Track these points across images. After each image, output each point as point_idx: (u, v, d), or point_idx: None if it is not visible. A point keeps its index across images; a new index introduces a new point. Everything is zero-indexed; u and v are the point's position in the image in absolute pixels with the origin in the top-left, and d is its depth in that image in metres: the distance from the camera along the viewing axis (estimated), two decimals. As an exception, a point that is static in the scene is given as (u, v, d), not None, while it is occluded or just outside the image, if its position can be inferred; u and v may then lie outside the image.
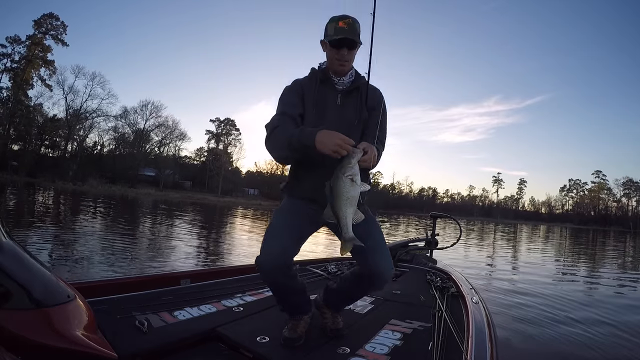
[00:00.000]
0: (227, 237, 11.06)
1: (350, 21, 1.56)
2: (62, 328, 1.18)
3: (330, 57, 1.64)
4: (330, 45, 1.59)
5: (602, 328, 3.99)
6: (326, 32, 1.61)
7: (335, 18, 1.58)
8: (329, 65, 1.67)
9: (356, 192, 1.36)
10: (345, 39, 1.55)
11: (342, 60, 1.61)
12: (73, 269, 5.02)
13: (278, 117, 1.58)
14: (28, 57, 42.59)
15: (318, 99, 1.65)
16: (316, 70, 1.71)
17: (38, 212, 12.22)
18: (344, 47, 1.58)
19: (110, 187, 39.07)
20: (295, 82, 1.71)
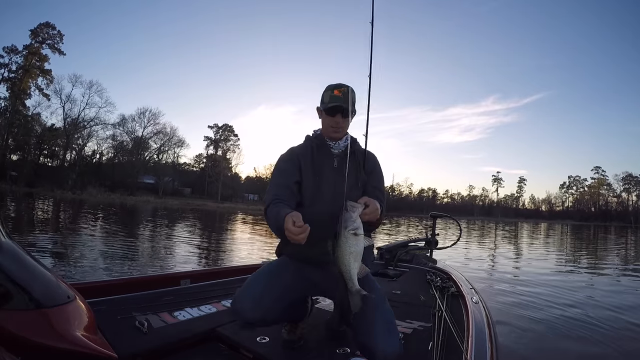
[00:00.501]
0: (226, 240, 11.06)
1: (345, 90, 1.60)
2: (62, 328, 1.18)
3: (325, 123, 1.68)
4: (325, 113, 1.64)
5: (603, 327, 3.99)
6: (322, 100, 1.66)
7: (332, 86, 1.63)
8: (323, 131, 1.71)
9: (360, 247, 1.36)
10: (339, 107, 1.59)
11: (336, 127, 1.65)
12: (73, 270, 5.02)
13: (270, 196, 1.59)
14: (25, 66, 42.61)
15: (315, 164, 1.66)
16: (311, 137, 1.74)
17: (38, 220, 12.22)
18: (338, 114, 1.62)
19: (109, 195, 39.03)
20: (291, 151, 1.73)
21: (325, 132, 1.70)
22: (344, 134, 1.71)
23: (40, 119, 45.78)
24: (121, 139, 49.97)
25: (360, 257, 1.36)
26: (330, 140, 1.70)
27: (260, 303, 1.48)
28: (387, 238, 14.01)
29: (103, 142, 49.89)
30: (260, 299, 1.49)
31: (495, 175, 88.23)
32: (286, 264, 1.67)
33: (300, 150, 1.70)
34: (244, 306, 1.48)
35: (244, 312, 1.48)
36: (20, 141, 43.95)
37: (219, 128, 61.19)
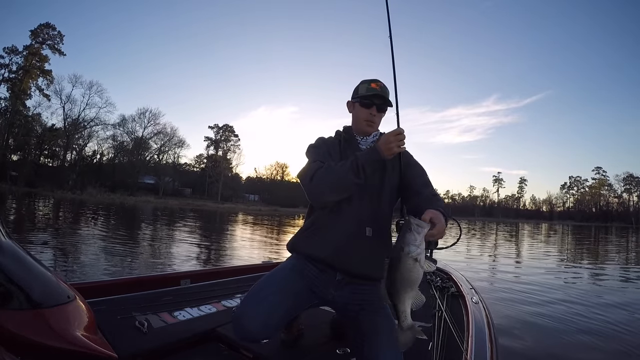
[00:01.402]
0: (224, 240, 11.06)
1: (382, 84, 1.57)
2: (62, 328, 1.18)
3: (357, 116, 1.61)
4: (360, 104, 1.58)
5: (603, 327, 3.99)
6: (356, 93, 1.60)
7: (368, 80, 1.58)
8: (354, 125, 1.64)
9: (419, 275, 1.16)
10: (376, 96, 1.54)
11: (370, 120, 1.58)
12: (73, 270, 5.03)
13: (316, 163, 1.48)
14: (25, 67, 42.70)
15: (342, 158, 1.55)
16: (340, 132, 1.68)
17: (38, 220, 12.23)
18: (374, 106, 1.56)
19: (109, 195, 39.06)
20: (320, 140, 1.66)
21: (356, 127, 1.63)
22: (376, 129, 1.63)
23: (41, 119, 45.90)
24: (121, 139, 50.09)
25: (417, 287, 1.18)
26: (360, 135, 1.63)
27: (269, 323, 1.38)
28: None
29: (104, 142, 50.00)
30: (269, 319, 1.38)
31: (496, 176, 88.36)
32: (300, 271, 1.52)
33: (329, 141, 1.64)
34: (251, 326, 1.36)
35: (250, 332, 1.37)
36: (21, 141, 44.02)
37: (220, 128, 61.23)
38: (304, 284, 1.50)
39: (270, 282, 1.48)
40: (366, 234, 1.49)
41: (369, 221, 1.50)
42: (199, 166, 60.65)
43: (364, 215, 1.49)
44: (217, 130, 61.16)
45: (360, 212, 1.49)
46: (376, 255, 1.43)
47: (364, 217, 1.49)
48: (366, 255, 1.46)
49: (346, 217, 1.49)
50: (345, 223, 1.48)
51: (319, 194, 1.45)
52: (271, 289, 1.45)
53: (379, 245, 1.49)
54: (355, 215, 1.49)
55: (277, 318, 1.40)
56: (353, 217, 1.48)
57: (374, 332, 1.37)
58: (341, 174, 1.40)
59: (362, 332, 1.39)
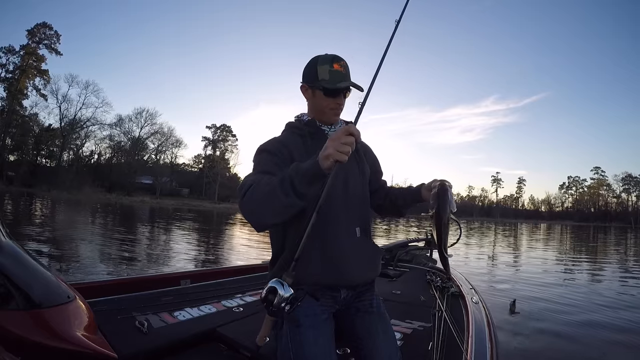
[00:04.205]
0: (211, 239, 11.07)
1: (344, 63, 1.32)
2: (62, 328, 1.18)
3: (320, 105, 1.34)
4: (324, 94, 1.32)
5: (603, 326, 4.00)
6: (316, 77, 1.31)
7: (327, 59, 1.31)
8: (317, 114, 1.38)
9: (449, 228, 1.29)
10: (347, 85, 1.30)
11: (337, 109, 1.35)
12: (73, 270, 5.03)
13: (257, 175, 1.19)
14: (22, 66, 42.73)
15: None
16: (300, 124, 1.40)
17: (33, 220, 12.21)
18: (340, 94, 1.33)
19: (105, 195, 39.05)
20: (275, 142, 1.34)
21: (319, 116, 1.38)
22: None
23: (38, 119, 45.93)
24: (119, 139, 50.07)
25: None
26: (325, 124, 1.39)
27: None
28: (387, 238, 14.02)
29: (101, 142, 50.00)
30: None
31: (495, 176, 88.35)
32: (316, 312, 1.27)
33: (289, 141, 1.34)
34: None
35: None
36: (18, 141, 43.98)
37: (217, 128, 61.23)
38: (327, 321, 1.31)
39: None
40: (357, 235, 1.35)
41: (356, 220, 1.36)
42: (197, 166, 60.64)
43: (352, 214, 1.34)
44: (214, 130, 61.20)
45: (348, 212, 1.33)
46: (369, 255, 1.38)
47: (352, 216, 1.34)
48: (362, 260, 1.35)
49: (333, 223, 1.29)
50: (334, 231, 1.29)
51: (248, 214, 1.14)
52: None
53: (368, 244, 1.39)
54: (344, 218, 1.32)
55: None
56: (342, 221, 1.31)
57: (370, 333, 1.34)
58: (269, 192, 1.07)
59: (358, 333, 1.36)
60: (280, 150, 1.29)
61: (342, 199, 1.32)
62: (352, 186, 1.36)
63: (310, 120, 1.39)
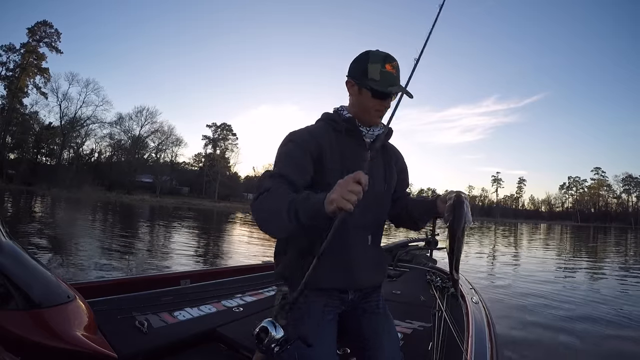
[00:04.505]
0: (205, 238, 11.07)
1: (397, 64, 1.24)
2: (62, 328, 1.18)
3: (366, 105, 1.26)
4: (372, 95, 1.24)
5: (603, 326, 4.00)
6: (365, 75, 1.23)
7: (379, 57, 1.23)
8: (357, 113, 1.30)
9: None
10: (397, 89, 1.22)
11: (381, 112, 1.27)
12: (73, 270, 5.03)
13: (272, 179, 1.15)
14: (23, 65, 42.70)
15: (346, 157, 1.26)
16: (337, 118, 1.31)
17: (33, 218, 12.21)
18: (389, 97, 1.25)
19: (105, 193, 39.06)
20: (305, 133, 1.26)
21: (361, 115, 1.29)
22: None
23: (38, 117, 45.91)
24: (119, 137, 50.05)
25: None
26: (365, 125, 1.31)
27: None
28: (387, 239, 14.03)
29: (101, 140, 49.98)
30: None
31: (495, 176, 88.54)
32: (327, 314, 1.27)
33: (322, 134, 1.27)
34: None
35: None
36: (19, 140, 44.00)
37: (218, 127, 61.20)
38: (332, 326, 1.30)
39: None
40: (368, 243, 1.32)
41: (371, 227, 1.33)
42: (197, 165, 60.64)
43: (368, 220, 1.30)
44: (215, 129, 61.17)
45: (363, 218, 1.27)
46: (378, 261, 1.37)
47: (368, 222, 1.31)
48: (371, 266, 1.33)
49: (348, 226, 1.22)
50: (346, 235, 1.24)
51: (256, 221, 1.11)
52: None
53: (378, 251, 1.38)
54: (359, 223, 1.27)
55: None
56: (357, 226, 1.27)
57: (375, 333, 1.34)
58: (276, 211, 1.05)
59: (364, 333, 1.35)
60: (308, 144, 1.22)
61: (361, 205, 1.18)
62: (373, 192, 1.26)
63: (350, 118, 1.31)
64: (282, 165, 1.19)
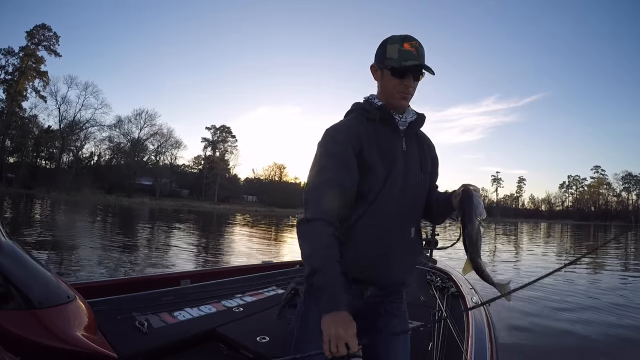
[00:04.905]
0: (200, 240, 11.05)
1: (417, 44, 1.21)
2: (62, 328, 1.18)
3: (388, 87, 1.24)
4: (392, 74, 1.21)
5: (603, 326, 3.99)
6: (384, 56, 1.22)
7: (398, 38, 1.22)
8: (385, 98, 1.27)
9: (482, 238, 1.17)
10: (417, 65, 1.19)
11: (405, 92, 1.23)
12: (72, 270, 5.03)
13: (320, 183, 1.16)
14: (21, 68, 42.75)
15: (383, 147, 1.23)
16: (369, 107, 1.27)
17: (33, 222, 12.21)
18: (409, 75, 1.22)
19: (104, 196, 39.06)
20: (346, 128, 1.23)
21: (388, 99, 1.26)
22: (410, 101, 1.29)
23: (37, 120, 45.93)
24: (118, 140, 50.06)
25: None
26: (397, 113, 1.28)
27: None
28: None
29: (100, 143, 49.98)
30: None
31: (495, 175, 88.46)
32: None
33: (358, 127, 1.23)
34: None
35: None
36: (18, 143, 44.02)
37: (217, 129, 61.19)
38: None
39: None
40: (411, 236, 1.27)
41: (413, 219, 1.27)
42: (197, 167, 60.63)
43: (409, 212, 1.25)
44: (214, 131, 61.16)
45: (404, 209, 1.23)
46: (413, 258, 1.32)
47: (409, 214, 1.25)
48: (406, 262, 1.28)
49: (389, 217, 1.20)
50: (388, 226, 1.20)
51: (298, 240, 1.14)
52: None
53: (419, 247, 1.33)
54: (401, 214, 1.22)
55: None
56: (398, 217, 1.22)
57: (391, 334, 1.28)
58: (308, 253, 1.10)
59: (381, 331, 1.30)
60: (350, 142, 1.19)
61: (399, 196, 1.22)
62: (412, 182, 1.25)
63: (382, 105, 1.26)
64: (329, 167, 1.16)
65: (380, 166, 1.20)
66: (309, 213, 1.12)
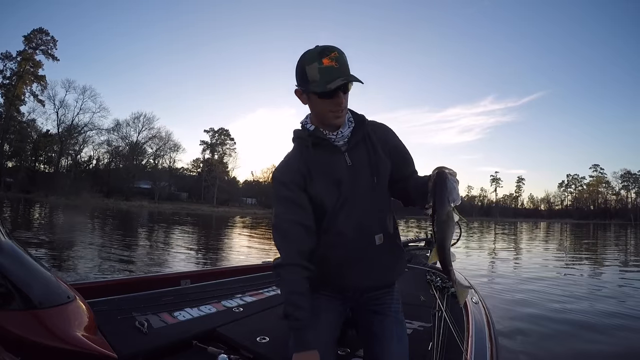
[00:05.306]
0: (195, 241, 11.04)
1: (337, 54, 1.13)
2: (62, 329, 1.18)
3: (318, 109, 1.20)
4: (318, 97, 1.16)
5: (603, 326, 3.99)
6: (306, 79, 1.15)
7: (315, 56, 1.13)
8: (318, 120, 1.24)
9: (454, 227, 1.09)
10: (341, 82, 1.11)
11: (338, 111, 1.18)
12: (72, 270, 5.02)
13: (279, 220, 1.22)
14: (19, 72, 42.76)
15: (328, 171, 1.23)
16: (303, 134, 1.27)
17: (31, 226, 12.20)
18: (339, 93, 1.15)
19: (103, 200, 39.04)
20: (287, 167, 1.26)
21: (321, 121, 1.24)
22: (345, 114, 1.24)
23: (36, 125, 45.94)
24: (116, 144, 50.07)
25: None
26: (330, 130, 1.25)
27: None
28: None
29: (99, 147, 50.00)
30: None
31: (494, 175, 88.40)
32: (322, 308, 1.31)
33: (297, 160, 1.25)
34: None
35: None
36: (16, 147, 44.00)
37: (215, 132, 61.23)
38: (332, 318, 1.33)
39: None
40: (376, 244, 1.27)
41: (376, 227, 1.27)
42: (196, 170, 60.61)
43: (368, 222, 1.26)
44: (212, 134, 61.20)
45: (362, 221, 1.25)
46: (390, 261, 1.34)
47: (370, 224, 1.26)
48: (380, 266, 1.29)
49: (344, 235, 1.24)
50: (345, 242, 1.25)
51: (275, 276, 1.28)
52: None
53: (392, 250, 1.33)
54: (358, 228, 1.25)
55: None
56: (356, 231, 1.24)
57: (383, 336, 1.31)
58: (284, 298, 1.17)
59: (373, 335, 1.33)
60: (294, 180, 1.22)
61: (353, 211, 1.24)
62: (364, 192, 1.25)
63: (314, 130, 1.25)
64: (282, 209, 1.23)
65: (326, 192, 1.23)
66: (280, 259, 1.21)
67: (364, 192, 1.24)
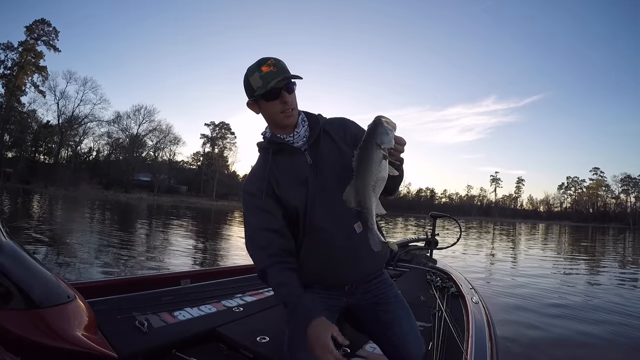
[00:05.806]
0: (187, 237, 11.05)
1: (274, 61, 1.23)
2: (62, 328, 1.17)
3: (270, 113, 1.28)
4: (265, 100, 1.25)
5: (603, 326, 4.00)
6: (252, 89, 1.25)
7: (254, 67, 1.23)
8: (273, 125, 1.32)
9: (386, 174, 1.06)
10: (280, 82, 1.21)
11: (287, 110, 1.26)
12: (72, 270, 5.02)
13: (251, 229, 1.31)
14: (20, 63, 42.64)
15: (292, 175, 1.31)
16: (264, 144, 1.36)
17: (30, 217, 12.19)
18: (282, 92, 1.24)
19: (102, 192, 39.06)
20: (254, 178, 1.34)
21: (276, 126, 1.32)
22: (297, 114, 1.31)
23: (36, 115, 45.89)
24: (117, 136, 50.01)
25: (382, 189, 1.09)
26: (285, 133, 1.32)
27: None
28: (387, 238, 14.01)
29: (99, 139, 49.95)
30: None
31: (494, 176, 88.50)
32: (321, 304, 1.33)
33: (262, 169, 1.33)
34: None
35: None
36: (16, 138, 43.97)
37: (216, 126, 61.20)
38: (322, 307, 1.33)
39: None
40: (357, 232, 1.31)
41: (353, 216, 1.29)
42: (196, 164, 60.63)
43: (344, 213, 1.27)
44: (213, 128, 61.16)
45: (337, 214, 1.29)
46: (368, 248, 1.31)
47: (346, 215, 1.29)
48: (365, 254, 1.30)
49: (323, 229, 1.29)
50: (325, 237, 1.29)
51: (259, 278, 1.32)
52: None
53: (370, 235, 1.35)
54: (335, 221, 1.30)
55: None
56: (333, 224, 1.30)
57: (395, 319, 1.36)
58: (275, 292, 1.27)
59: (384, 322, 1.36)
60: (261, 189, 1.30)
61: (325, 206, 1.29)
62: (333, 185, 1.27)
63: (271, 136, 1.33)
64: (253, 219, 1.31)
65: (295, 193, 1.30)
66: (257, 266, 1.29)
67: (332, 186, 1.28)
